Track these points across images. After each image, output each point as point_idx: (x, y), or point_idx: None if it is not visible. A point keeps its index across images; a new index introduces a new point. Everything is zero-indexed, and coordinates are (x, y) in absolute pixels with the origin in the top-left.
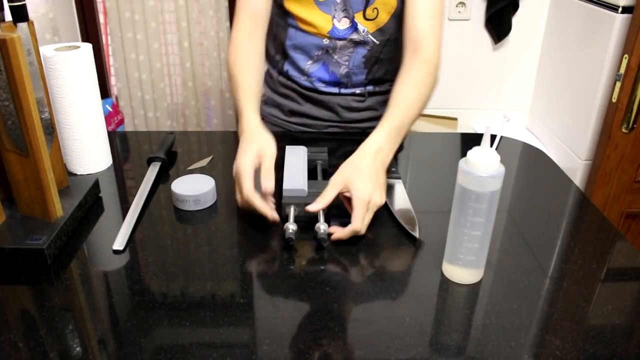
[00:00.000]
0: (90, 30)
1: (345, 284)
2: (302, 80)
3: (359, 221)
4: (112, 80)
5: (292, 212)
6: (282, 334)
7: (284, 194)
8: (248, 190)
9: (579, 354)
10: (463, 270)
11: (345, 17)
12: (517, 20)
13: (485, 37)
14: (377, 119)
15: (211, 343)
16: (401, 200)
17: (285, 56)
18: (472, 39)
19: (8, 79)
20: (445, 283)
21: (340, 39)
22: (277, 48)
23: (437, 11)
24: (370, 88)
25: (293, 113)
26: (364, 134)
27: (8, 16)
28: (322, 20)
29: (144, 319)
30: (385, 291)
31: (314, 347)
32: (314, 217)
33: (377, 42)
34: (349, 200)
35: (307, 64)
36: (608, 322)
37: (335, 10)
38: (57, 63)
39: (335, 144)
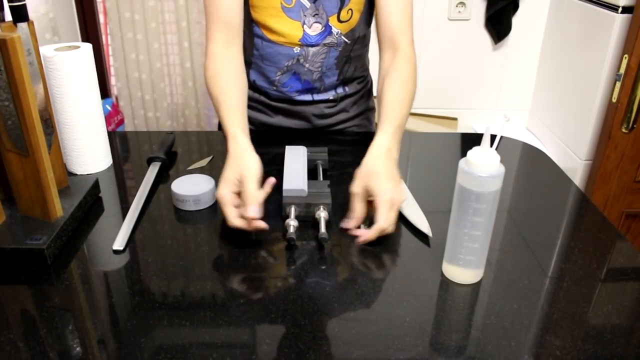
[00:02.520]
0: (90, 30)
1: (345, 284)
2: (272, 90)
3: (384, 219)
4: (112, 80)
5: (292, 212)
6: (282, 334)
7: (284, 194)
8: (230, 218)
9: (579, 354)
10: (463, 270)
11: (316, 22)
12: (517, 20)
13: (485, 37)
14: (350, 119)
15: (211, 343)
16: (408, 200)
17: (249, 64)
18: (472, 39)
19: (8, 79)
20: (445, 283)
21: (312, 46)
22: None
23: (409, 6)
24: (340, 90)
25: (264, 125)
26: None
27: (8, 16)
28: (292, 28)
29: (144, 319)
30: (385, 291)
31: (314, 347)
32: (314, 217)
33: (349, 42)
34: (371, 203)
35: (277, 75)
36: (608, 322)
37: (305, 15)
38: (57, 63)
39: (335, 146)
